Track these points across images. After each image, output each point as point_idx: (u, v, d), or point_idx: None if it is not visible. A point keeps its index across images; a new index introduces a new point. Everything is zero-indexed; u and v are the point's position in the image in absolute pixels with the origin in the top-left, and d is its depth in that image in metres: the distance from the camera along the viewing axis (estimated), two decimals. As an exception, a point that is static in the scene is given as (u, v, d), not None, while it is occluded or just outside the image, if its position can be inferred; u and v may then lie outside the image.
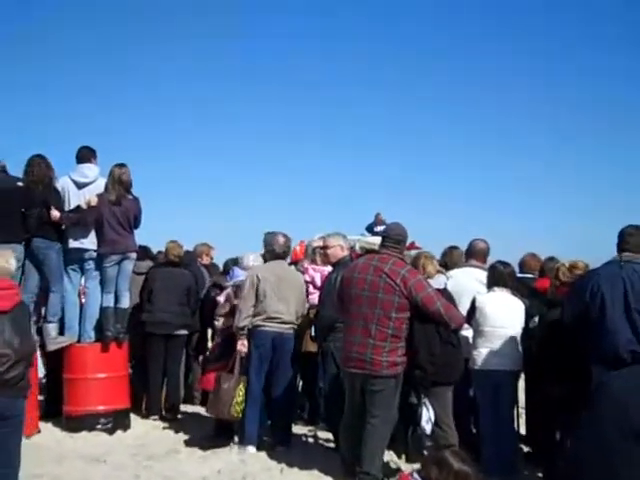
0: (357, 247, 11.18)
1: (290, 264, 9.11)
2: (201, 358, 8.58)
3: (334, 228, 7.26)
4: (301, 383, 7.88)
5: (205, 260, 9.22)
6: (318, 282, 7.50)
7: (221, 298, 7.52)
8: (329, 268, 7.14)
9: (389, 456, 6.20)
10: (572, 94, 33.88)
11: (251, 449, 6.61)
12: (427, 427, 5.59)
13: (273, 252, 6.99)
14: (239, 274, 7.45)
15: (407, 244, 10.99)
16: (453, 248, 7.16)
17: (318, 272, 7.64)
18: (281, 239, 7.02)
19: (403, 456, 6.26)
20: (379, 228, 12.43)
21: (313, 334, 7.02)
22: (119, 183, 7.55)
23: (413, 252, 7.50)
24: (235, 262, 8.17)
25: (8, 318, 4.54)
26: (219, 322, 7.26)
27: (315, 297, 7.16)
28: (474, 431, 6.33)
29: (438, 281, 5.92)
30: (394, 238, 5.63)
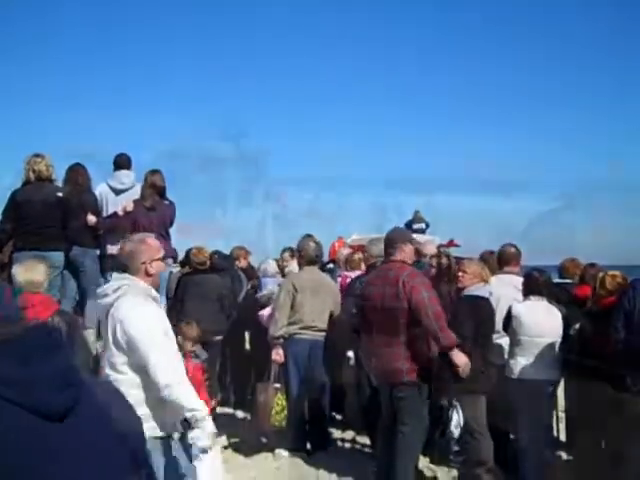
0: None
1: (328, 262, 9.12)
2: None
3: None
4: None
5: (242, 263, 9.01)
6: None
7: (265, 313, 7.38)
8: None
9: (424, 462, 6.17)
10: None
11: (286, 455, 6.61)
12: (455, 431, 5.45)
13: (307, 257, 6.96)
14: (267, 283, 7.41)
15: (446, 242, 11.07)
16: (492, 253, 6.99)
17: (348, 278, 7.58)
18: (312, 244, 6.98)
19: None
20: (417, 225, 12.33)
21: None
22: (152, 188, 7.60)
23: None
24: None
25: None
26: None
27: None
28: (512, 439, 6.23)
29: (483, 290, 5.76)
30: (396, 244, 5.53)
